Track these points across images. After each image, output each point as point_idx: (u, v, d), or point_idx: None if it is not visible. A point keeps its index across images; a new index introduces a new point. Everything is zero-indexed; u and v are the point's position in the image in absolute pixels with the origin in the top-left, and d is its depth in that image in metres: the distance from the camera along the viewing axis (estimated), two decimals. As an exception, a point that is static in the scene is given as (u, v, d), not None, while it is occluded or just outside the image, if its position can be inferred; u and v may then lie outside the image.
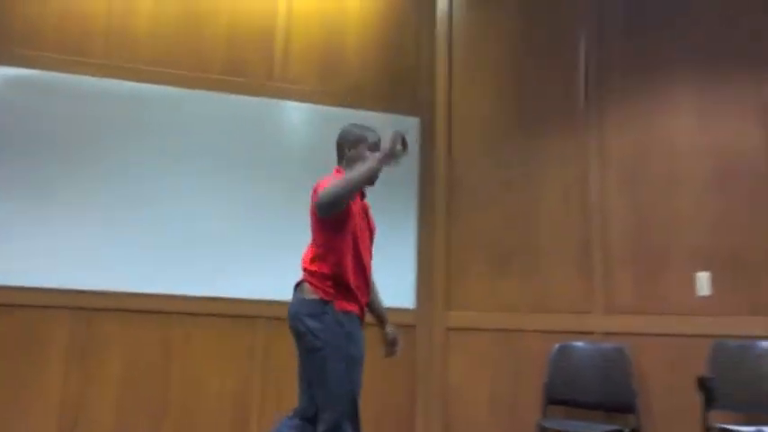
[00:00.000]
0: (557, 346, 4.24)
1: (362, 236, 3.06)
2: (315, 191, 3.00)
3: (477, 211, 4.76)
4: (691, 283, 4.06)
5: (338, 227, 2.96)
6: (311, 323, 2.91)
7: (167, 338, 4.46)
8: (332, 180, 2.93)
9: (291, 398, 4.50)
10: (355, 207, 3.03)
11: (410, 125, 5.05)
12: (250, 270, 4.61)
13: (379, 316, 3.28)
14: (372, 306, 3.25)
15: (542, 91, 4.75)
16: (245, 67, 4.90)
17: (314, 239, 3.06)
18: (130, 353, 4.39)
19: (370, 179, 2.93)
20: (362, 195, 3.21)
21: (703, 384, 3.68)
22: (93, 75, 4.63)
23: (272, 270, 4.63)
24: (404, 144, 2.83)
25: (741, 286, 3.95)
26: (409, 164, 5.01)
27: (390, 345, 3.27)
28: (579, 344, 4.21)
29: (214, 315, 4.53)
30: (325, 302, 2.93)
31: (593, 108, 4.55)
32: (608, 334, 4.21)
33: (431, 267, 4.80)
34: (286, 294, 4.53)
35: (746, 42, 4.15)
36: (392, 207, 4.90)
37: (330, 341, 2.87)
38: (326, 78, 5.03)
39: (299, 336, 2.98)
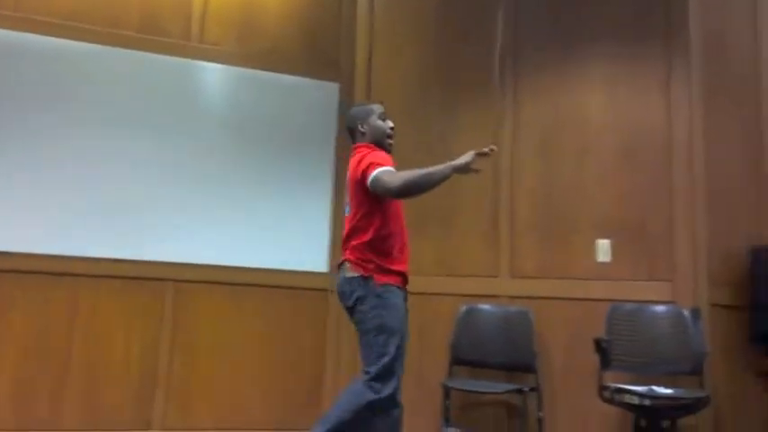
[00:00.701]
0: (463, 308, 4.29)
1: (398, 206, 3.24)
2: (364, 164, 3.13)
3: (393, 177, 4.74)
4: (592, 249, 4.15)
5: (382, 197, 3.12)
6: (355, 300, 3.08)
7: (73, 301, 4.33)
8: (395, 170, 3.12)
9: (201, 361, 4.46)
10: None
11: (330, 90, 5.00)
12: (160, 233, 4.51)
13: None
14: None
15: (461, 60, 4.75)
16: (162, 26, 4.75)
17: (354, 212, 3.17)
18: (33, 316, 4.23)
19: (439, 183, 3.09)
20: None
21: (599, 346, 3.78)
22: (2, 27, 4.40)
23: (182, 233, 4.54)
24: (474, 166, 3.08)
25: (639, 254, 4.06)
26: (327, 128, 4.96)
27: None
28: (485, 306, 4.27)
29: (122, 277, 4.41)
30: (365, 278, 3.07)
31: (509, 80, 4.58)
32: (513, 297, 4.28)
33: (345, 231, 4.78)
34: (196, 257, 4.53)
35: (655, 20, 4.24)
36: (308, 171, 4.87)
37: (373, 312, 3.03)
38: (245, 41, 4.93)
39: (348, 312, 3.17)
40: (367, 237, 3.10)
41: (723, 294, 3.98)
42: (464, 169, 3.06)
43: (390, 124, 3.37)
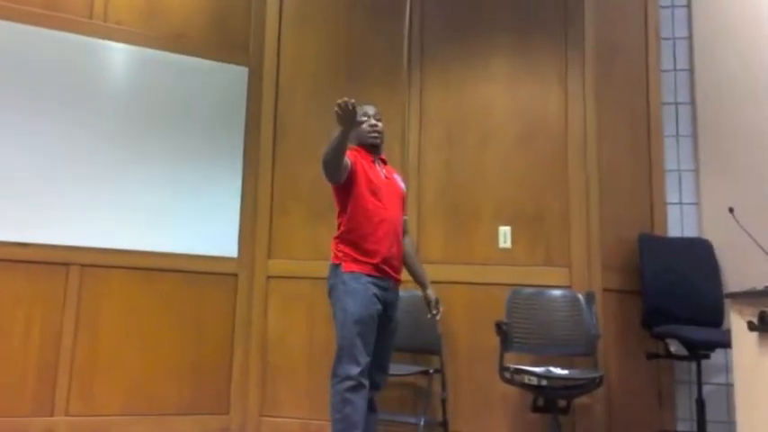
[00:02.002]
0: (371, 293, 4.26)
1: (379, 197, 3.24)
2: None
3: (302, 161, 4.67)
4: (494, 235, 4.22)
5: (347, 191, 3.22)
6: (329, 288, 3.27)
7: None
8: None
9: (108, 347, 4.28)
10: (363, 170, 3.24)
11: (238, 74, 4.85)
12: (64, 216, 4.28)
13: (418, 280, 3.55)
14: (411, 270, 3.53)
15: (369, 49, 4.71)
16: (64, 3, 4.49)
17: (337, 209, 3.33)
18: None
19: (338, 147, 3.03)
20: (376, 161, 3.37)
21: (500, 329, 3.86)
22: None
23: (89, 217, 4.33)
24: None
25: (538, 239, 4.16)
26: (236, 112, 4.82)
27: (431, 307, 3.46)
28: (391, 291, 4.26)
29: (23, 261, 4.17)
30: (336, 266, 3.24)
31: (415, 70, 4.58)
32: (419, 282, 4.29)
33: (254, 216, 4.68)
34: (99, 241, 4.33)
35: (551, 14, 4.33)
36: (218, 155, 4.73)
37: (337, 298, 3.19)
38: (152, 22, 4.72)
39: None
40: (340, 230, 3.27)
41: (615, 280, 4.14)
42: (345, 122, 2.95)
43: (372, 122, 3.39)
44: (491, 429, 4.03)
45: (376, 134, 3.38)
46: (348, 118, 2.92)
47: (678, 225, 4.43)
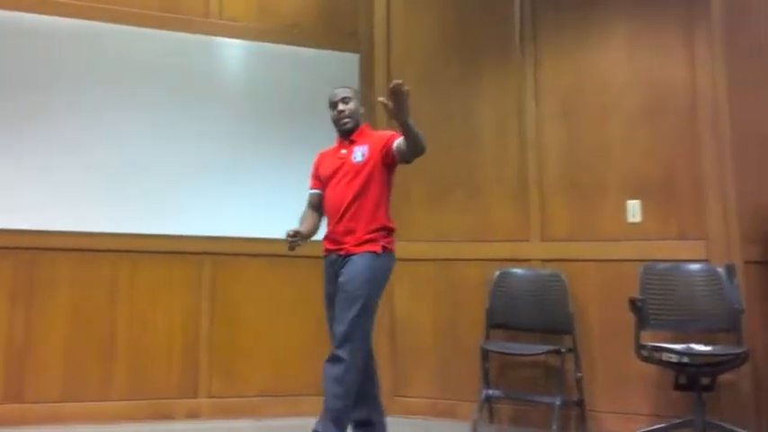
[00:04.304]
0: (496, 272, 4.11)
1: (330, 184, 3.24)
2: None
3: (418, 145, 4.52)
4: (622, 210, 3.96)
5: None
6: None
7: (114, 277, 4.19)
8: None
9: (241, 333, 4.32)
10: (320, 174, 3.34)
11: (349, 61, 4.74)
12: (195, 207, 4.33)
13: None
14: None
15: (479, 25, 4.50)
16: (181, 4, 4.51)
17: None
18: (77, 292, 4.11)
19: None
20: (344, 143, 3.32)
21: (635, 305, 3.61)
22: (21, 10, 4.18)
23: (216, 206, 4.35)
24: None
25: (669, 213, 3.88)
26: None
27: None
28: (518, 270, 4.10)
29: (160, 252, 4.25)
30: None
31: (529, 43, 4.34)
32: (544, 261, 4.10)
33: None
34: (230, 230, 4.34)
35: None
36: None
37: None
38: (264, 16, 4.68)
39: None
40: None
41: (756, 251, 3.79)
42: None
43: (338, 109, 3.31)
44: (630, 408, 3.81)
45: (344, 120, 3.30)
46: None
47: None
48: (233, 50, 4.58)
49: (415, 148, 3.00)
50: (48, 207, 4.06)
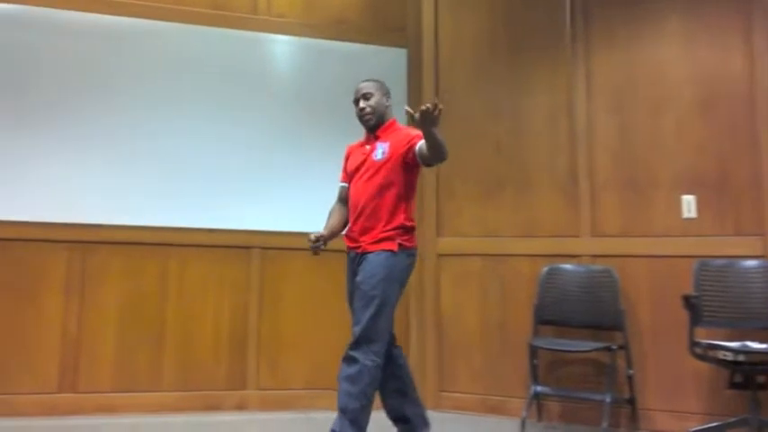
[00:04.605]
0: (546, 268, 4.06)
1: (354, 180, 3.23)
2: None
3: (466, 139, 4.50)
4: (676, 205, 3.89)
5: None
6: None
7: (164, 270, 4.25)
8: None
9: (288, 326, 4.34)
10: (347, 168, 3.34)
11: (397, 56, 4.73)
12: (243, 201, 4.36)
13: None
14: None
15: (529, 18, 4.46)
16: (231, 2, 4.56)
17: None
18: (128, 285, 4.18)
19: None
20: (371, 139, 3.28)
21: (689, 302, 3.53)
22: (76, 9, 4.27)
23: (264, 201, 4.38)
24: None
25: (725, 208, 3.79)
26: (397, 95, 4.66)
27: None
28: (567, 266, 4.04)
29: (210, 246, 4.29)
30: None
31: (579, 37, 4.28)
32: (594, 257, 4.04)
33: (421, 195, 4.55)
34: (278, 225, 4.37)
35: (732, -32, 3.88)
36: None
37: None
38: (312, 11, 4.70)
39: None
40: None
41: (815, 247, 3.69)
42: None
43: (359, 107, 3.30)
44: (683, 406, 3.73)
45: (366, 117, 3.26)
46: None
47: None
48: (281, 47, 4.61)
49: (436, 156, 2.95)
50: (100, 201, 4.14)
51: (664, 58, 4.03)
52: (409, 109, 2.79)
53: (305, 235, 4.30)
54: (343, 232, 3.29)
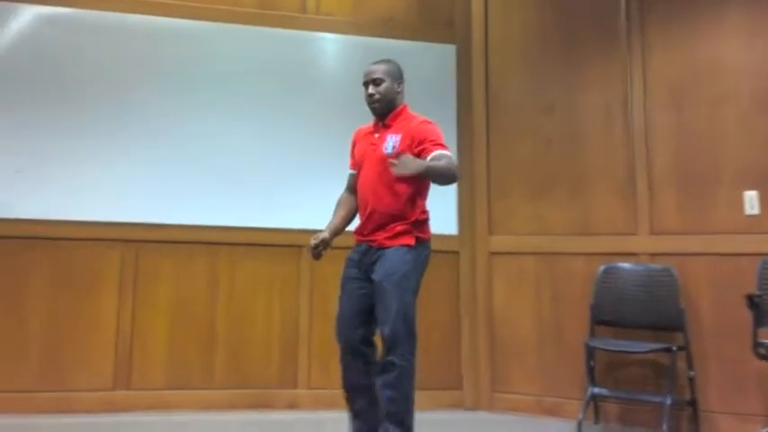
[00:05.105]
0: (602, 267, 3.96)
1: (360, 167, 3.13)
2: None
3: (518, 136, 4.43)
4: (738, 202, 3.76)
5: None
6: None
7: (214, 268, 4.26)
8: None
9: (338, 324, 4.32)
10: (355, 154, 3.23)
11: (446, 52, 4.67)
12: (293, 200, 4.35)
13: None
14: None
15: (582, 11, 4.36)
16: (278, 1, 4.56)
17: None
18: (180, 283, 4.21)
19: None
20: (379, 125, 3.16)
21: (752, 302, 3.41)
22: (123, 11, 4.31)
23: (314, 200, 4.34)
24: None
25: (790, 205, 3.65)
26: (446, 92, 4.64)
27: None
28: (625, 265, 3.94)
29: (260, 245, 4.29)
30: None
31: (635, 28, 4.17)
32: (654, 255, 3.93)
33: (472, 193, 4.51)
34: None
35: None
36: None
37: None
38: (360, 9, 4.67)
39: None
40: None
41: None
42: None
43: (368, 91, 3.18)
44: (747, 408, 3.61)
45: (374, 104, 3.13)
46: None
47: None
48: (329, 45, 4.59)
49: (441, 184, 2.91)
50: (153, 201, 4.17)
51: (724, 51, 3.90)
52: (393, 161, 2.83)
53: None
54: (352, 227, 3.20)
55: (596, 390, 3.75)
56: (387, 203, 2.98)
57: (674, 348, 3.61)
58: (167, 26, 4.34)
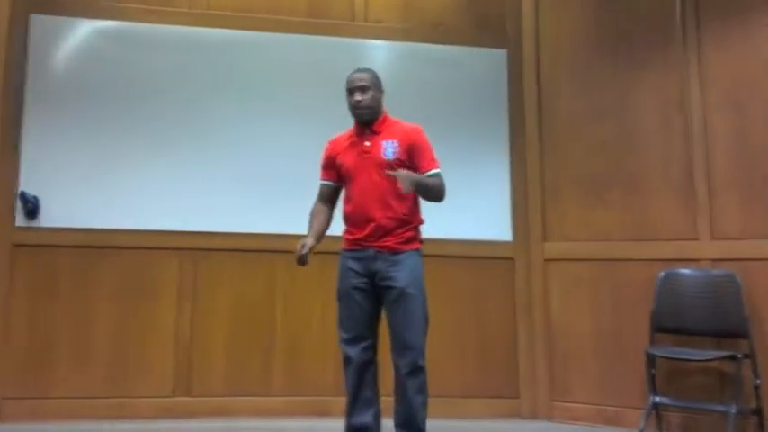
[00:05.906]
0: (662, 273, 3.88)
1: (351, 177, 3.12)
2: None
3: (571, 140, 4.38)
4: (803, 205, 3.64)
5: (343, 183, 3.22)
6: None
7: (272, 276, 4.31)
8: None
9: (393, 330, 4.31)
10: (337, 164, 3.19)
11: (496, 57, 4.63)
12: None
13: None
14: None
15: (635, 13, 4.28)
16: (327, 9, 4.58)
17: None
18: (238, 291, 4.27)
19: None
20: (365, 134, 3.16)
21: (821, 309, 3.30)
22: (177, 24, 4.40)
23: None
24: None
25: None
26: (498, 97, 4.60)
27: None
28: (686, 271, 3.85)
29: (316, 252, 4.26)
30: None
31: (691, 26, 4.07)
32: (716, 261, 3.83)
33: (526, 199, 4.47)
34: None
35: None
36: (483, 141, 4.56)
37: None
38: (409, 16, 4.67)
39: None
40: None
41: None
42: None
43: (354, 99, 3.17)
44: (817, 420, 3.50)
45: (362, 111, 3.13)
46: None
47: None
48: (379, 52, 4.59)
49: (430, 201, 3.07)
50: (211, 210, 4.24)
51: (784, 50, 3.79)
52: (390, 172, 2.92)
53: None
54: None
55: (658, 398, 3.69)
56: (394, 208, 3.04)
57: (739, 356, 3.53)
58: (216, 37, 4.39)
